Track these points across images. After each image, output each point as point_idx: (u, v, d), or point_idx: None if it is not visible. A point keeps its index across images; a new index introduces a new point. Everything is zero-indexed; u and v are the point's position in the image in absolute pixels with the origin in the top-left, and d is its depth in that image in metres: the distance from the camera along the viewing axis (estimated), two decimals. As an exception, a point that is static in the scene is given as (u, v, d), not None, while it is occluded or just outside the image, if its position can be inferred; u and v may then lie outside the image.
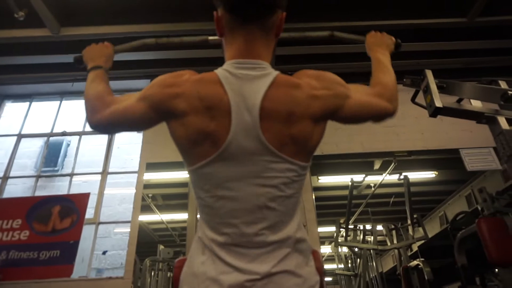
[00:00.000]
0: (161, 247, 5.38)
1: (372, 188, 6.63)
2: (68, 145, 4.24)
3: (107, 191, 3.83)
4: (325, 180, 6.07)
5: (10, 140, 4.18)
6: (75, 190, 3.82)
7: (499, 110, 2.20)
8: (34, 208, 3.53)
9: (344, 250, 7.72)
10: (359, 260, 6.44)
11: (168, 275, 5.40)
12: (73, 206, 3.53)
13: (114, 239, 3.76)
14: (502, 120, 2.15)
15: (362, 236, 6.50)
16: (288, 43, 3.70)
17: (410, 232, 5.76)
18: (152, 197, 5.10)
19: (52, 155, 4.10)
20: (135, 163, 3.90)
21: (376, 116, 1.08)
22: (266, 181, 0.88)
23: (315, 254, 0.99)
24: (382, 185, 6.36)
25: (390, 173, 5.66)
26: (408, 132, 4.03)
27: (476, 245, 3.36)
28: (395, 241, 6.07)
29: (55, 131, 4.24)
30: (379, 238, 6.38)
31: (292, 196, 0.92)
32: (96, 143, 4.15)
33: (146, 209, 3.94)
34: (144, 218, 3.89)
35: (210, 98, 0.90)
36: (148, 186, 3.93)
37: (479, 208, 3.96)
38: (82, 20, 3.44)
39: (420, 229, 5.66)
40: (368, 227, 6.58)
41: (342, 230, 6.64)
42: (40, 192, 3.89)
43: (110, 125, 1.03)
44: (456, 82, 2.29)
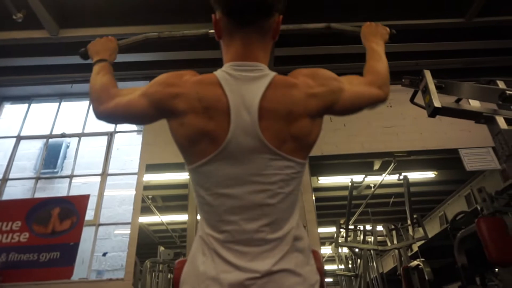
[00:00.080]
0: (161, 248, 5.36)
1: (372, 189, 6.62)
2: (67, 146, 4.24)
3: (107, 193, 3.83)
4: (325, 180, 6.06)
5: (9, 142, 4.18)
6: (74, 192, 3.82)
7: (497, 110, 2.21)
8: (34, 210, 3.53)
9: (345, 250, 7.72)
10: (359, 260, 6.43)
11: (168, 277, 5.38)
12: (72, 208, 3.53)
13: (114, 241, 3.76)
14: (500, 120, 2.15)
15: (362, 237, 6.50)
16: (287, 44, 3.70)
17: (410, 232, 5.75)
18: (152, 198, 5.09)
19: (51, 156, 4.10)
20: (134, 164, 3.90)
21: (370, 104, 1.12)
22: (266, 178, 0.90)
23: (315, 254, 1.00)
24: (382, 185, 6.35)
25: (390, 173, 5.65)
26: (407, 132, 4.04)
27: (476, 244, 3.36)
28: (395, 241, 6.07)
29: (54, 132, 4.24)
30: (379, 238, 6.37)
31: (291, 193, 0.93)
32: (96, 145, 4.15)
33: (146, 210, 3.92)
34: (144, 219, 3.88)
35: (209, 99, 0.92)
36: (148, 187, 3.92)
37: (479, 208, 3.95)
38: (81, 22, 3.45)
39: (420, 229, 5.66)
40: (368, 227, 6.57)
41: (342, 230, 6.63)
42: (39, 194, 3.89)
43: (113, 116, 1.10)
44: (454, 82, 2.30)
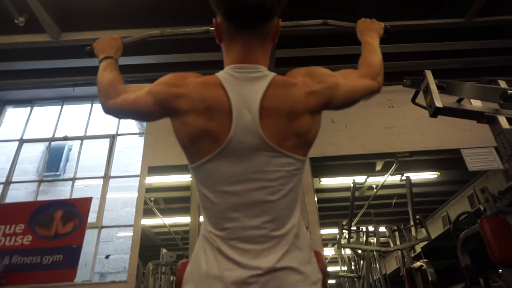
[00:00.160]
0: (163, 250, 5.36)
1: (374, 190, 6.60)
2: (69, 149, 4.25)
3: (109, 195, 3.84)
4: (327, 182, 6.04)
5: (12, 145, 4.20)
6: (77, 195, 3.83)
7: (499, 109, 2.20)
8: (37, 213, 3.54)
9: (347, 252, 7.69)
10: (362, 262, 6.40)
11: (171, 279, 5.37)
12: (75, 211, 3.54)
13: (117, 243, 3.77)
14: (502, 120, 2.15)
15: (365, 238, 6.47)
16: (287, 45, 3.71)
17: (413, 233, 5.72)
18: (154, 200, 5.10)
19: (54, 159, 4.11)
20: (137, 167, 3.91)
21: (365, 95, 1.16)
22: (267, 175, 0.92)
23: (318, 255, 1.01)
24: (384, 186, 6.33)
25: (392, 174, 5.63)
26: (409, 133, 4.03)
27: (479, 245, 3.35)
28: (398, 242, 6.04)
29: (56, 135, 4.26)
30: (382, 239, 6.35)
31: (291, 190, 0.95)
32: (98, 147, 4.16)
33: (148, 212, 3.93)
34: (147, 221, 3.89)
35: (211, 99, 0.95)
36: (150, 190, 3.93)
37: (482, 208, 3.93)
38: (82, 25, 3.46)
39: (423, 230, 5.63)
40: (371, 228, 6.54)
41: (345, 232, 6.60)
42: (42, 197, 3.90)
43: (120, 111, 1.14)
44: (456, 82, 2.30)
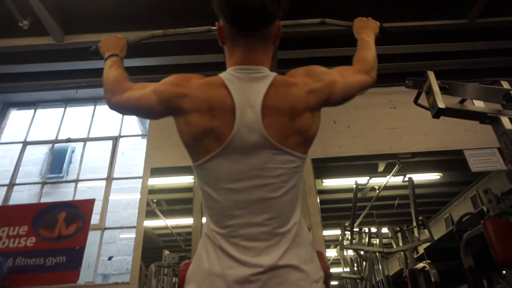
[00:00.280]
0: (166, 252, 5.37)
1: (377, 191, 6.59)
2: (73, 151, 4.27)
3: (112, 197, 3.85)
4: (329, 183, 6.03)
5: (16, 147, 4.22)
6: (80, 196, 3.84)
7: (502, 110, 2.19)
8: (40, 215, 3.55)
9: (350, 253, 7.68)
10: (365, 263, 6.39)
11: (173, 280, 5.37)
12: (78, 212, 3.55)
13: (120, 245, 3.78)
14: (505, 120, 2.14)
15: (367, 239, 6.46)
16: (289, 47, 3.71)
17: (416, 234, 5.71)
18: (157, 202, 5.10)
19: (57, 161, 4.13)
20: (139, 168, 3.92)
21: (360, 90, 1.20)
22: (269, 172, 0.94)
23: (320, 255, 1.02)
24: (386, 187, 6.31)
25: (394, 175, 5.62)
26: (411, 134, 4.03)
27: (482, 246, 3.34)
28: (400, 243, 6.02)
29: (60, 137, 4.28)
30: (384, 240, 6.34)
31: (293, 187, 0.97)
32: (101, 149, 4.17)
33: (150, 214, 3.93)
34: (149, 223, 3.90)
35: (214, 99, 0.97)
36: (152, 191, 3.94)
37: (485, 209, 3.92)
38: (86, 28, 3.48)
39: (426, 231, 5.62)
40: (373, 229, 6.53)
41: (347, 233, 6.59)
42: (45, 199, 3.91)
43: (125, 108, 1.16)
44: (458, 83, 2.29)
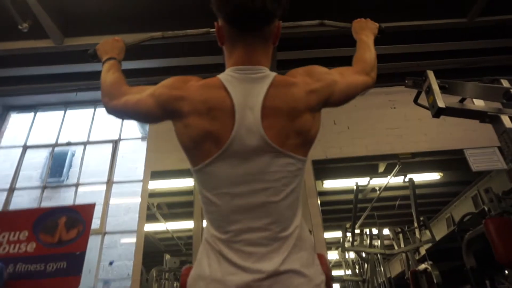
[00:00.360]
0: (167, 256, 5.35)
1: (377, 192, 6.58)
2: (73, 155, 4.25)
3: (112, 201, 3.84)
4: (329, 184, 6.02)
5: (16, 151, 4.21)
6: (80, 201, 3.83)
7: (502, 108, 2.18)
8: (40, 220, 3.53)
9: (351, 255, 7.66)
10: (366, 265, 6.38)
11: (174, 285, 5.36)
12: (79, 217, 3.52)
13: (121, 249, 3.76)
14: (505, 119, 2.13)
15: (368, 241, 6.44)
16: (289, 48, 3.71)
17: (417, 235, 5.69)
18: (157, 206, 5.09)
19: (57, 165, 4.11)
20: (139, 172, 3.90)
21: (360, 90, 1.20)
22: (269, 176, 0.92)
23: (321, 258, 1.01)
24: (387, 188, 6.30)
25: (395, 175, 5.61)
26: (411, 134, 4.02)
27: (484, 246, 3.33)
28: (402, 244, 6.01)
29: (60, 141, 4.27)
30: (386, 242, 6.32)
31: (293, 191, 0.95)
32: (101, 153, 4.16)
33: (151, 218, 3.92)
34: (150, 227, 3.88)
35: (213, 101, 0.95)
36: (153, 195, 3.92)
37: (486, 208, 3.91)
38: (85, 30, 3.48)
39: (427, 232, 5.60)
40: (375, 231, 6.52)
41: (349, 234, 6.58)
42: (46, 203, 3.90)
43: (122, 112, 1.15)
44: (458, 82, 2.29)
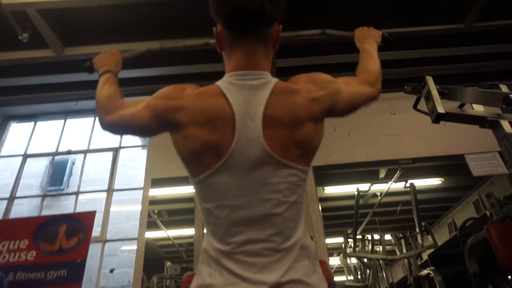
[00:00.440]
0: (168, 263, 5.33)
1: (379, 197, 6.56)
2: (73, 163, 4.26)
3: (113, 209, 3.83)
4: (330, 190, 6.02)
5: (16, 160, 4.21)
6: (81, 209, 3.82)
7: (501, 114, 2.19)
8: (41, 228, 3.52)
9: (353, 261, 7.62)
10: (368, 271, 6.34)
11: (175, 292, 5.33)
12: (79, 225, 3.51)
13: (121, 257, 3.74)
14: (505, 124, 2.13)
15: (370, 246, 6.41)
16: (287, 55, 3.73)
17: (419, 240, 5.67)
18: (158, 213, 5.08)
19: (57, 174, 4.12)
20: (140, 179, 3.89)
21: (365, 102, 1.16)
22: (271, 187, 0.89)
23: (323, 264, 0.99)
24: (388, 193, 6.29)
25: (396, 181, 5.61)
26: (412, 139, 4.02)
27: (487, 251, 3.31)
28: (404, 250, 5.98)
29: (60, 150, 4.27)
30: (388, 247, 6.29)
31: (296, 201, 0.93)
32: (101, 161, 4.16)
33: (152, 225, 3.90)
34: (150, 234, 3.87)
35: (212, 110, 0.92)
36: (153, 202, 3.92)
37: (488, 213, 3.90)
38: (85, 40, 3.49)
39: (429, 237, 5.58)
40: (376, 236, 6.49)
41: (350, 240, 6.55)
42: (46, 212, 3.89)
43: (118, 127, 1.12)
44: (457, 88, 2.29)
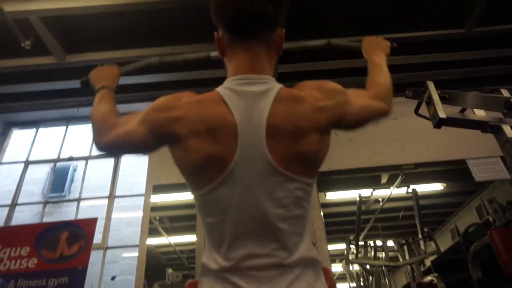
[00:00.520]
0: (169, 270, 5.31)
1: (381, 203, 6.54)
2: (74, 170, 4.25)
3: (114, 215, 3.81)
4: (332, 196, 6.00)
5: (18, 167, 4.20)
6: (82, 215, 3.80)
7: (503, 118, 2.18)
8: (42, 235, 3.51)
9: (356, 268, 7.57)
10: (371, 277, 6.30)
11: (177, 299, 5.30)
12: (81, 232, 3.50)
13: (123, 264, 3.72)
14: (507, 129, 2.13)
15: (373, 253, 6.37)
16: (289, 60, 3.74)
17: (422, 246, 5.63)
18: (159, 219, 5.08)
19: (59, 180, 4.11)
20: (141, 186, 3.88)
21: (375, 117, 1.10)
22: (275, 202, 0.85)
23: (326, 271, 0.96)
24: (390, 199, 6.27)
25: (398, 186, 5.59)
26: (413, 145, 4.01)
27: (490, 257, 3.29)
28: (407, 256, 5.94)
29: (61, 156, 4.27)
30: (390, 254, 6.26)
31: (301, 215, 0.89)
32: (103, 167, 4.16)
33: (153, 232, 3.90)
34: (152, 241, 3.85)
35: (212, 119, 0.87)
36: (155, 208, 3.91)
37: (491, 219, 3.88)
38: (87, 46, 3.51)
39: (432, 243, 5.55)
40: (379, 243, 6.45)
41: (352, 247, 6.52)
42: (47, 218, 3.88)
43: (113, 148, 1.06)
44: (458, 92, 2.29)
